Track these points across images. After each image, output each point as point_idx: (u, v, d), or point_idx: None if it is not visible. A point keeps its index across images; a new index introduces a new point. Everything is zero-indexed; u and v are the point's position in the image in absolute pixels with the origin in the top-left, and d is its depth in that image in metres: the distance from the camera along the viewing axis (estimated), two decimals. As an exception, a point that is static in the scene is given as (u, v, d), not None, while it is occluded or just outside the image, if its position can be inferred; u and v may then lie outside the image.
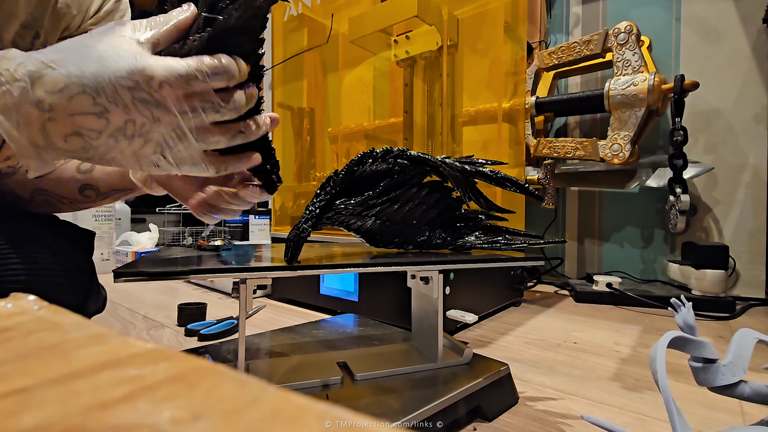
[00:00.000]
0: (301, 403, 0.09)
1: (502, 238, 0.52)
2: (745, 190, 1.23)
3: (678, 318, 0.37)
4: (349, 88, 1.19)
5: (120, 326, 0.85)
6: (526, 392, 0.55)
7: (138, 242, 1.65)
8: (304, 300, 1.03)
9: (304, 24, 1.26)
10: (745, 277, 1.22)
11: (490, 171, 0.49)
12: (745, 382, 0.34)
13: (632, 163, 1.17)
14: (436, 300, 0.50)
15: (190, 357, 0.12)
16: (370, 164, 0.46)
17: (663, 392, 0.31)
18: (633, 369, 0.64)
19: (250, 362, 0.50)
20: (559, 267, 1.51)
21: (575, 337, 0.80)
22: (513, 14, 1.02)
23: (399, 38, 0.96)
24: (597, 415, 0.49)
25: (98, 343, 0.13)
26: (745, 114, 1.23)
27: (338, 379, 0.45)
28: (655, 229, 1.36)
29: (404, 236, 0.51)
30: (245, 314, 0.42)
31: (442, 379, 0.47)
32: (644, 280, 1.34)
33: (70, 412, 0.09)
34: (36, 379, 0.10)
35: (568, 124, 1.53)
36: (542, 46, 1.49)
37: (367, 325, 0.70)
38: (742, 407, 0.52)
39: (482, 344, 0.75)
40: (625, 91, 1.13)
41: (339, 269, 0.43)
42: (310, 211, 0.44)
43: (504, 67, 0.98)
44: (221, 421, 0.08)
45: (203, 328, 0.78)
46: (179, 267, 0.38)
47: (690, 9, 1.30)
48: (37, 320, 0.15)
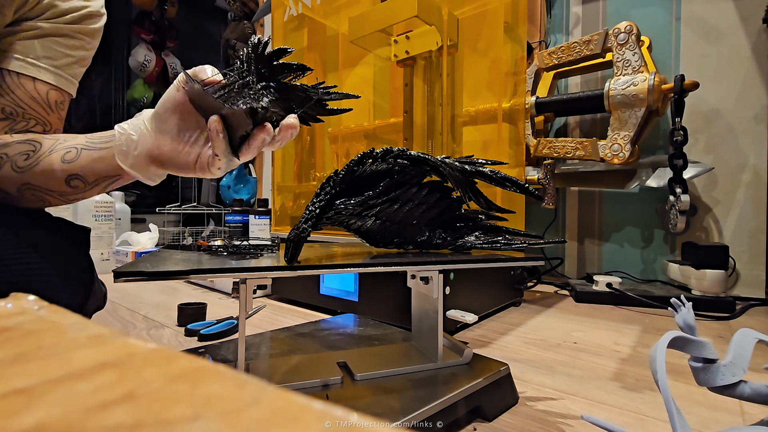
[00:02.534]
0: (301, 403, 0.09)
1: (502, 238, 0.52)
2: (745, 190, 1.23)
3: (678, 318, 0.37)
4: (351, 88, 1.19)
5: (120, 326, 0.85)
6: (526, 392, 0.55)
7: (138, 242, 1.65)
8: (304, 300, 1.03)
9: (304, 24, 1.26)
10: (745, 277, 1.22)
11: (490, 171, 0.49)
12: (745, 382, 0.34)
13: (632, 163, 1.17)
14: (436, 300, 0.50)
15: (190, 357, 0.12)
16: (370, 164, 0.46)
17: (663, 392, 0.31)
18: (633, 369, 0.64)
19: (250, 362, 0.50)
20: (559, 267, 1.52)
21: (575, 337, 0.80)
22: (513, 14, 1.02)
23: (399, 38, 0.96)
24: (597, 415, 0.49)
25: (98, 343, 0.13)
26: (745, 114, 1.23)
27: (338, 379, 0.45)
28: (655, 229, 1.36)
29: (404, 236, 0.51)
30: (245, 314, 0.42)
31: (442, 379, 0.47)
32: (644, 280, 1.34)
33: (70, 412, 0.09)
34: (36, 379, 0.10)
35: (568, 124, 1.53)
36: (542, 46, 1.49)
37: (367, 325, 0.70)
38: (742, 407, 0.52)
39: (482, 344, 0.75)
40: (625, 91, 1.13)
41: (339, 269, 0.43)
42: (310, 211, 0.44)
43: (504, 67, 0.98)
44: (221, 421, 0.08)
45: (203, 328, 0.77)
46: (179, 267, 0.38)
47: (690, 9, 1.30)
48: (37, 320, 0.15)
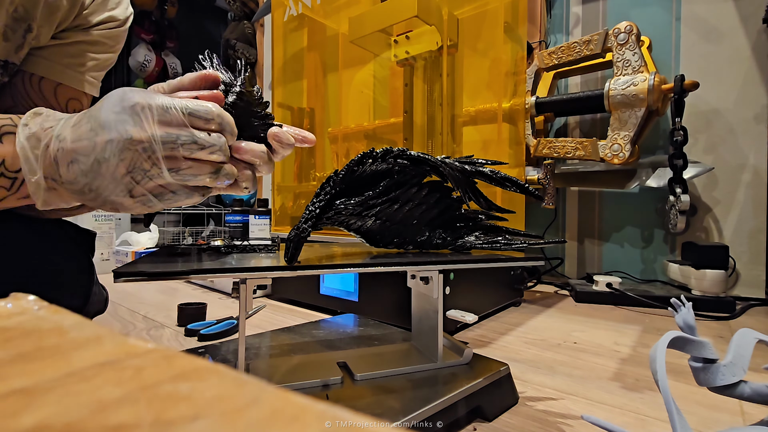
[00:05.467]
0: (301, 403, 0.09)
1: (502, 238, 0.52)
2: (745, 190, 1.23)
3: (678, 318, 0.37)
4: (353, 87, 1.19)
5: (120, 326, 0.85)
6: (526, 392, 0.55)
7: (138, 242, 1.65)
8: (304, 300, 1.03)
9: (304, 24, 1.26)
10: (745, 277, 1.22)
11: (490, 171, 0.49)
12: (745, 382, 0.34)
13: (632, 163, 1.17)
14: (436, 300, 0.50)
15: (190, 357, 0.12)
16: (370, 164, 0.46)
17: (663, 392, 0.31)
18: (633, 369, 0.64)
19: (250, 362, 0.50)
20: (559, 267, 1.51)
21: (575, 337, 0.80)
22: (513, 14, 1.02)
23: (399, 38, 0.96)
24: (597, 415, 0.49)
25: (98, 343, 0.13)
26: (745, 114, 1.23)
27: (338, 379, 0.45)
28: (655, 229, 1.36)
29: (404, 236, 0.51)
30: (245, 314, 0.42)
31: (442, 379, 0.47)
32: (644, 280, 1.34)
33: (70, 412, 0.09)
34: (36, 379, 0.10)
35: (568, 124, 1.53)
36: (542, 46, 1.49)
37: (367, 325, 0.70)
38: (742, 407, 0.52)
39: (482, 344, 0.75)
40: (625, 91, 1.13)
41: (339, 269, 0.43)
42: (310, 211, 0.44)
43: (504, 67, 0.98)
44: (221, 421, 0.08)
45: (203, 328, 0.77)
46: (179, 267, 0.38)
47: (690, 9, 1.30)
48: (37, 320, 0.15)
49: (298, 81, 1.31)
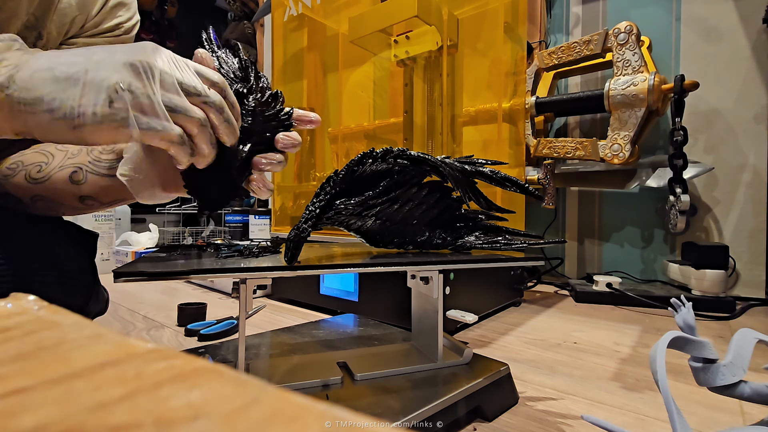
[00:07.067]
0: (301, 403, 0.09)
1: (502, 238, 0.52)
2: (745, 190, 1.23)
3: (678, 318, 0.37)
4: (353, 87, 1.19)
5: (120, 326, 0.85)
6: (526, 392, 0.55)
7: (138, 242, 1.65)
8: (304, 300, 1.03)
9: (304, 24, 1.26)
10: (745, 277, 1.22)
11: (490, 171, 0.49)
12: (745, 382, 0.34)
13: (632, 163, 1.17)
14: (436, 300, 0.50)
15: (190, 357, 0.12)
16: (370, 164, 0.46)
17: (663, 392, 0.31)
18: (633, 369, 0.64)
19: (250, 362, 0.50)
20: (559, 267, 1.51)
21: (575, 337, 0.80)
22: (513, 14, 1.02)
23: (399, 38, 0.96)
24: (597, 415, 0.49)
25: (98, 343, 0.13)
26: (745, 114, 1.23)
27: (338, 379, 0.45)
28: (655, 229, 1.36)
29: (404, 236, 0.51)
30: (245, 314, 0.42)
31: (442, 379, 0.47)
32: (644, 280, 1.34)
33: (70, 412, 0.09)
34: (36, 379, 0.10)
35: (568, 124, 1.53)
36: (542, 46, 1.49)
37: (367, 325, 0.70)
38: (742, 407, 0.52)
39: (482, 344, 0.75)
40: (625, 91, 1.13)
41: (339, 269, 0.43)
42: (310, 211, 0.44)
43: (504, 67, 0.98)
44: (221, 421, 0.08)
45: (203, 328, 0.78)
46: (179, 267, 0.38)
47: (690, 9, 1.30)
48: (37, 320, 0.15)
49: (298, 81, 1.31)
